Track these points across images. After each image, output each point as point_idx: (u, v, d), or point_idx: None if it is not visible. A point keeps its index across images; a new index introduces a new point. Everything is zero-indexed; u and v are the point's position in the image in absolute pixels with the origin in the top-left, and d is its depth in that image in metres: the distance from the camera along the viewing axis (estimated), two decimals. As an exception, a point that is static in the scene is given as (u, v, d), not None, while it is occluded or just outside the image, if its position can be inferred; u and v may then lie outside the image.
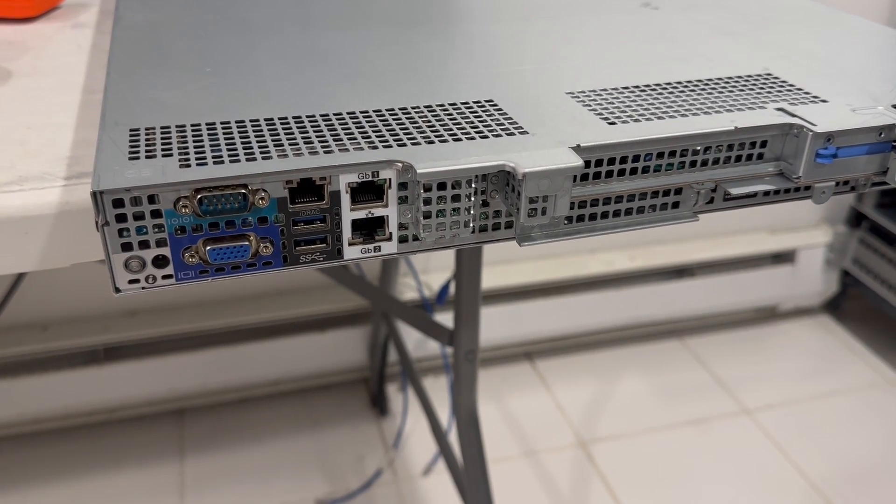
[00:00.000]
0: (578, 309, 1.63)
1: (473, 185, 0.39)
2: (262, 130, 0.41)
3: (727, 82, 0.50)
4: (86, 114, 0.54)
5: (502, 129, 0.42)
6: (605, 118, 0.44)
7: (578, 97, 0.47)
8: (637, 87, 0.49)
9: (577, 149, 0.41)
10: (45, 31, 0.72)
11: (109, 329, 1.40)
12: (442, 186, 0.39)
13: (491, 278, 1.55)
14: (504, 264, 1.57)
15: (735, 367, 1.64)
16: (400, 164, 0.38)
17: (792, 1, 0.69)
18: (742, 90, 0.49)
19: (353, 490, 1.37)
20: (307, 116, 0.43)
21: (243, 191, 0.36)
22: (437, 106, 0.45)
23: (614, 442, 1.47)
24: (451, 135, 0.41)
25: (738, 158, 0.45)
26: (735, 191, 0.45)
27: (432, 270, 1.53)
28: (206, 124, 0.41)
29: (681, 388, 1.59)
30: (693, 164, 0.45)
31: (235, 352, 1.47)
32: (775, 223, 1.69)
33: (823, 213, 1.72)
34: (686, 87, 0.49)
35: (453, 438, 1.08)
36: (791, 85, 0.50)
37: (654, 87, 0.49)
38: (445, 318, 1.50)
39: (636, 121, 0.44)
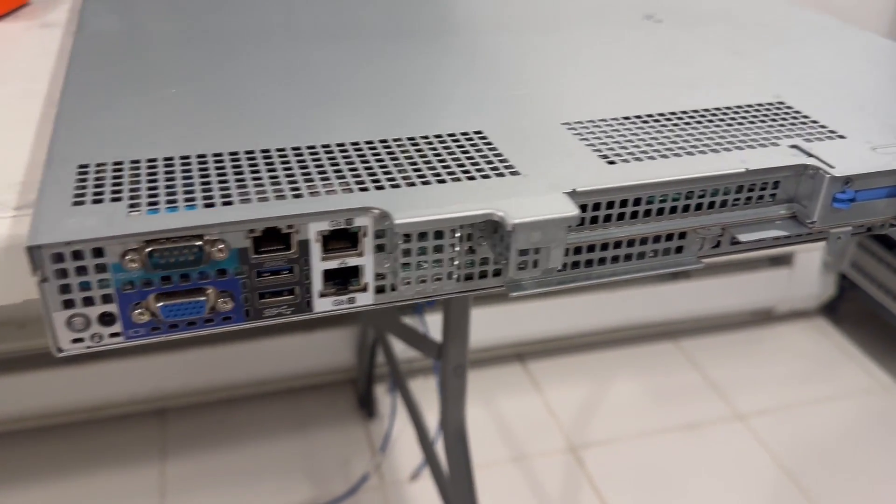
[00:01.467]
0: (571, 310, 1.60)
1: (458, 234, 0.35)
2: (224, 168, 0.37)
3: (737, 112, 0.46)
4: (46, 129, 0.50)
5: (491, 169, 0.38)
6: (605, 156, 0.40)
7: (575, 129, 0.43)
8: (640, 117, 0.45)
9: (573, 194, 0.37)
10: (10, 31, 0.68)
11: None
12: (423, 236, 0.35)
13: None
14: (496, 263, 1.54)
15: (729, 370, 1.61)
16: (377, 212, 0.34)
17: (800, 13, 0.65)
18: (753, 122, 0.45)
19: (339, 495, 1.33)
20: (276, 150, 0.39)
21: (199, 242, 0.32)
22: (422, 138, 0.41)
23: (605, 447, 1.44)
24: (434, 175, 0.37)
25: (749, 200, 0.42)
26: (744, 237, 0.41)
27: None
28: (164, 159, 0.37)
29: (673, 391, 1.56)
30: (699, 206, 0.41)
31: (220, 351, 1.44)
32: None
33: (822, 214, 1.68)
34: (693, 117, 0.45)
35: (440, 447, 1.05)
36: (805, 116, 0.46)
37: (657, 117, 0.45)
38: (435, 320, 1.47)
39: (637, 159, 0.40)
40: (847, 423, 1.51)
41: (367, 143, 0.40)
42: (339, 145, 0.40)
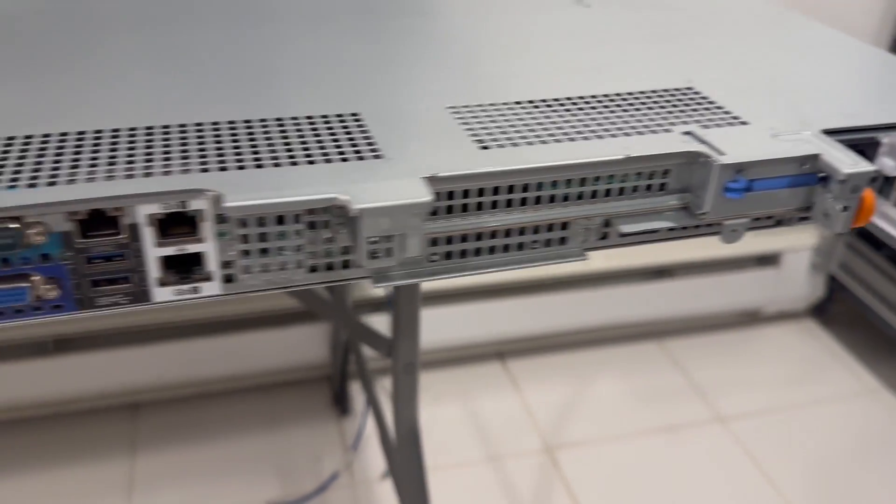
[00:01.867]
0: (553, 308, 1.57)
1: (304, 221, 0.33)
2: (63, 148, 0.34)
3: (637, 97, 0.44)
4: None
5: (355, 152, 0.36)
6: (480, 140, 0.38)
7: (460, 112, 0.41)
8: (532, 101, 0.43)
9: (433, 179, 0.34)
10: None
11: (58, 320, 1.34)
12: (263, 221, 0.33)
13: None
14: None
15: (713, 371, 1.58)
16: (211, 194, 0.32)
17: (749, 2, 0.62)
18: (652, 108, 0.43)
19: (308, 493, 1.31)
20: (127, 129, 0.37)
21: (13, 225, 0.30)
22: (290, 119, 0.39)
23: (581, 448, 1.41)
24: (289, 157, 0.35)
25: (636, 189, 0.39)
26: (627, 229, 0.39)
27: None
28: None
29: (654, 392, 1.53)
30: (581, 196, 0.38)
31: (193, 346, 1.42)
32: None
33: (811, 214, 1.65)
34: (589, 102, 0.43)
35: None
36: (711, 102, 0.44)
37: (551, 102, 0.43)
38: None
39: (515, 144, 0.38)
40: (831, 427, 1.48)
41: (229, 123, 0.38)
42: (196, 125, 0.37)
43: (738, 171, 0.38)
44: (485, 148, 0.37)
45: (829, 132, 0.40)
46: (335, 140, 0.37)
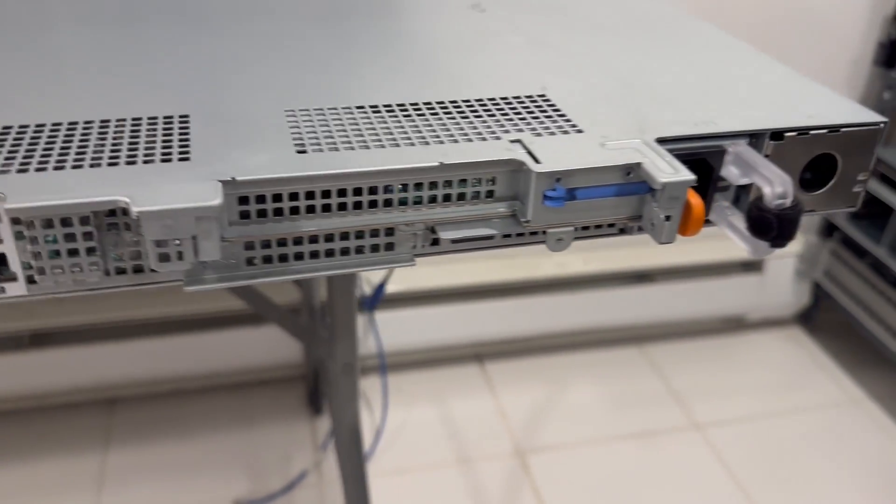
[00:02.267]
0: (532, 311, 1.57)
1: (95, 224, 0.33)
2: None
3: (485, 104, 0.44)
4: None
5: (163, 154, 0.37)
6: (301, 144, 0.38)
7: (296, 116, 0.41)
8: (375, 107, 0.43)
9: (232, 183, 0.34)
10: None
11: (35, 315, 1.36)
12: (50, 223, 0.33)
13: (440, 277, 1.49)
14: (454, 263, 1.51)
15: (693, 378, 1.57)
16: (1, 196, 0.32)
17: (645, 4, 0.62)
18: (493, 115, 0.43)
19: (274, 491, 1.32)
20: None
21: None
22: (116, 121, 0.39)
23: (553, 452, 1.41)
24: (94, 158, 0.35)
25: (462, 197, 0.39)
26: (445, 235, 0.39)
27: (376, 266, 1.47)
28: None
29: (632, 398, 1.52)
30: (405, 202, 0.38)
31: (170, 343, 1.43)
32: (743, 230, 1.61)
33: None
34: (433, 108, 0.43)
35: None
36: (557, 110, 0.43)
37: (396, 107, 0.43)
38: (395, 316, 1.45)
39: (334, 149, 0.38)
40: (809, 436, 1.46)
41: (37, 126, 0.38)
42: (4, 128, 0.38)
43: (557, 179, 0.37)
44: (302, 152, 0.37)
45: (664, 140, 0.40)
46: (150, 142, 0.37)
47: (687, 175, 0.37)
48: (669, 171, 0.37)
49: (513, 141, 0.39)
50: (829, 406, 1.53)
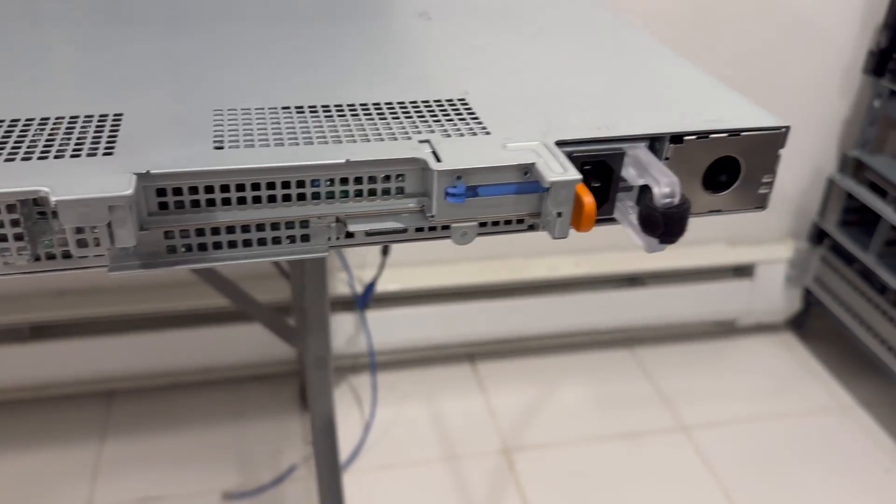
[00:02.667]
0: (525, 312, 1.59)
1: (21, 212, 0.37)
2: None
3: (405, 107, 0.47)
4: None
5: (90, 149, 0.40)
6: (219, 141, 0.41)
7: (222, 115, 0.44)
8: (300, 107, 0.46)
9: (146, 176, 0.38)
10: None
11: (34, 308, 1.40)
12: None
13: (432, 277, 1.52)
14: (445, 264, 1.54)
15: (682, 381, 1.59)
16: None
17: (588, 11, 0.64)
18: (411, 117, 0.45)
19: (264, 484, 1.35)
20: None
21: None
22: (56, 119, 0.42)
23: (539, 451, 1.43)
24: (12, 153, 0.39)
25: (374, 193, 0.42)
26: (354, 228, 0.41)
27: (370, 266, 1.51)
28: None
29: (620, 399, 1.54)
30: (317, 196, 0.41)
31: (167, 337, 1.47)
32: (736, 234, 1.63)
33: (790, 226, 1.65)
34: (355, 110, 0.46)
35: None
36: (471, 113, 0.46)
37: (320, 108, 0.46)
38: (384, 315, 1.48)
39: (251, 146, 0.41)
40: (796, 442, 1.47)
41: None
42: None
43: (458, 177, 0.40)
44: (219, 148, 0.40)
45: (566, 143, 0.43)
46: (81, 138, 0.40)
47: (574, 175, 0.40)
48: (559, 170, 0.40)
49: (422, 141, 0.42)
50: (818, 412, 1.55)
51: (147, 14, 0.60)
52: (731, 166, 0.47)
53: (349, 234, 0.43)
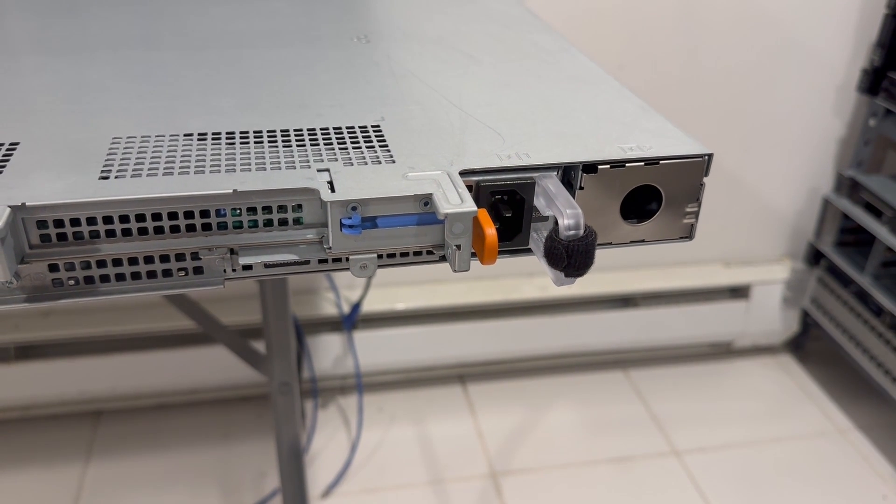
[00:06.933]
0: (515, 333, 1.57)
1: None
2: None
3: (313, 133, 0.45)
4: None
5: (-28, 180, 0.38)
6: (107, 170, 0.40)
7: (119, 143, 0.43)
8: (203, 135, 0.44)
9: (22, 208, 0.36)
10: None
11: (20, 328, 1.40)
12: None
13: (421, 298, 1.50)
14: (436, 284, 1.53)
15: (676, 404, 1.56)
16: None
17: (537, 40, 0.63)
18: (318, 143, 0.44)
19: (246, 508, 1.34)
20: None
21: None
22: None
23: (527, 475, 1.41)
24: None
25: (269, 223, 0.40)
26: (250, 260, 0.40)
27: (359, 286, 1.50)
28: None
29: (612, 422, 1.51)
30: (208, 227, 0.40)
31: (152, 358, 1.46)
32: (732, 255, 1.60)
33: (786, 246, 1.62)
34: (260, 137, 0.44)
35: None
36: (381, 140, 0.45)
37: (224, 135, 0.44)
38: (373, 336, 1.47)
39: (138, 176, 0.39)
40: (791, 466, 1.44)
41: None
42: None
43: (353, 208, 0.38)
44: (105, 178, 0.39)
45: (473, 172, 0.41)
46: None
47: (469, 207, 0.38)
48: (456, 201, 0.38)
49: (321, 170, 0.41)
50: (814, 435, 1.51)
51: (61, 43, 0.59)
52: (658, 194, 0.46)
53: (246, 267, 0.41)
